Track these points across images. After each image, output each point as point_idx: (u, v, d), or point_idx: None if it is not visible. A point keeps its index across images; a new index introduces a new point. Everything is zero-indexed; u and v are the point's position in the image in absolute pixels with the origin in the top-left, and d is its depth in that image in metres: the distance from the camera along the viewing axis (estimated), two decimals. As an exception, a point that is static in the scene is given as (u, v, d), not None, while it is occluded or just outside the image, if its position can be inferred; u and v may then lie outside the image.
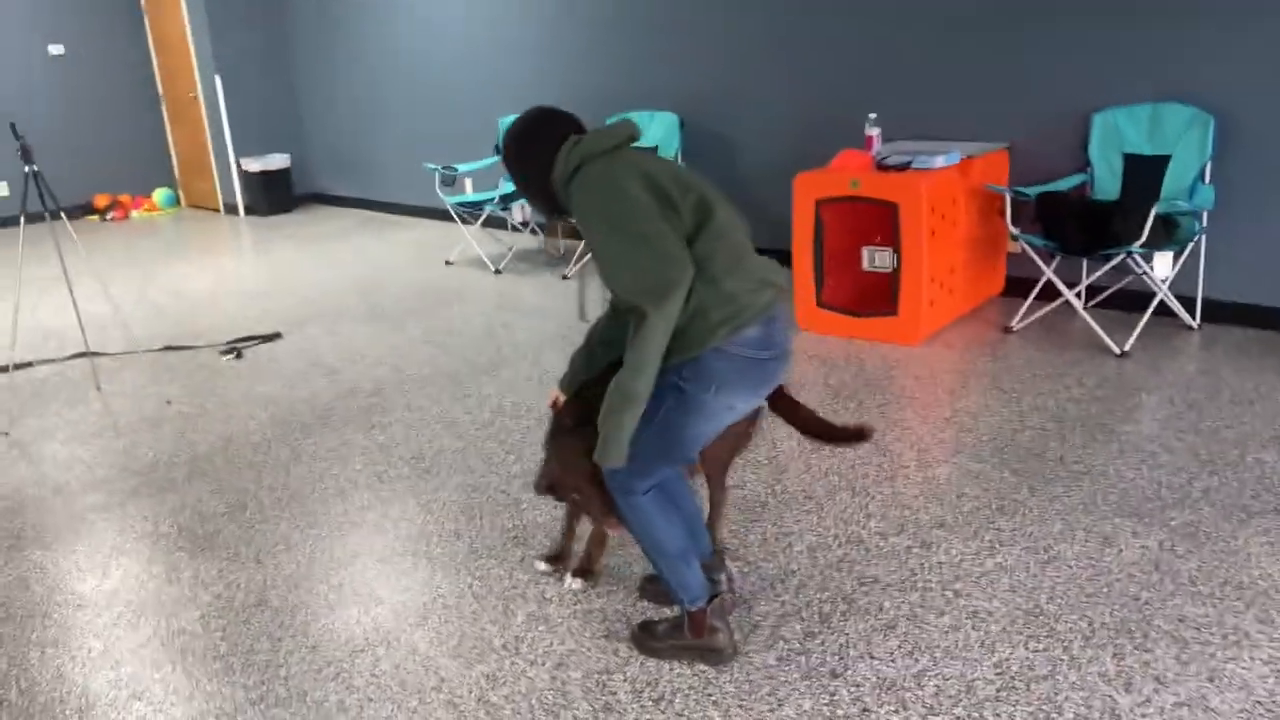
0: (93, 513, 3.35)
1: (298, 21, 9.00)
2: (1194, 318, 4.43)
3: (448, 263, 6.67)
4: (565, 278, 6.03)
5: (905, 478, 3.19)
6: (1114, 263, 4.21)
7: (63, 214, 4.35)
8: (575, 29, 6.63)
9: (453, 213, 6.71)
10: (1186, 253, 4.29)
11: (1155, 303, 4.27)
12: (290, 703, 2.30)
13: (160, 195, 9.90)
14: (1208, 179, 4.26)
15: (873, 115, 4.61)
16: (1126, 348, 4.15)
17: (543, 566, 2.76)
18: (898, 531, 2.88)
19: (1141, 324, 4.24)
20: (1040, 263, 4.44)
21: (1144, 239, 3.96)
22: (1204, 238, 4.34)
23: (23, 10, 9.29)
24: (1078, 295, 4.47)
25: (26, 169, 4.02)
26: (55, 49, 9.55)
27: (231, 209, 9.45)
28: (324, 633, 2.56)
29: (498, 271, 6.32)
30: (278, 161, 9.19)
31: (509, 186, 6.71)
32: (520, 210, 6.57)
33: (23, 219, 4.12)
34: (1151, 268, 4.12)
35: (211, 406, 4.28)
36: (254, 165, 9.09)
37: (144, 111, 10.03)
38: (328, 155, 9.29)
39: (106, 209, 9.63)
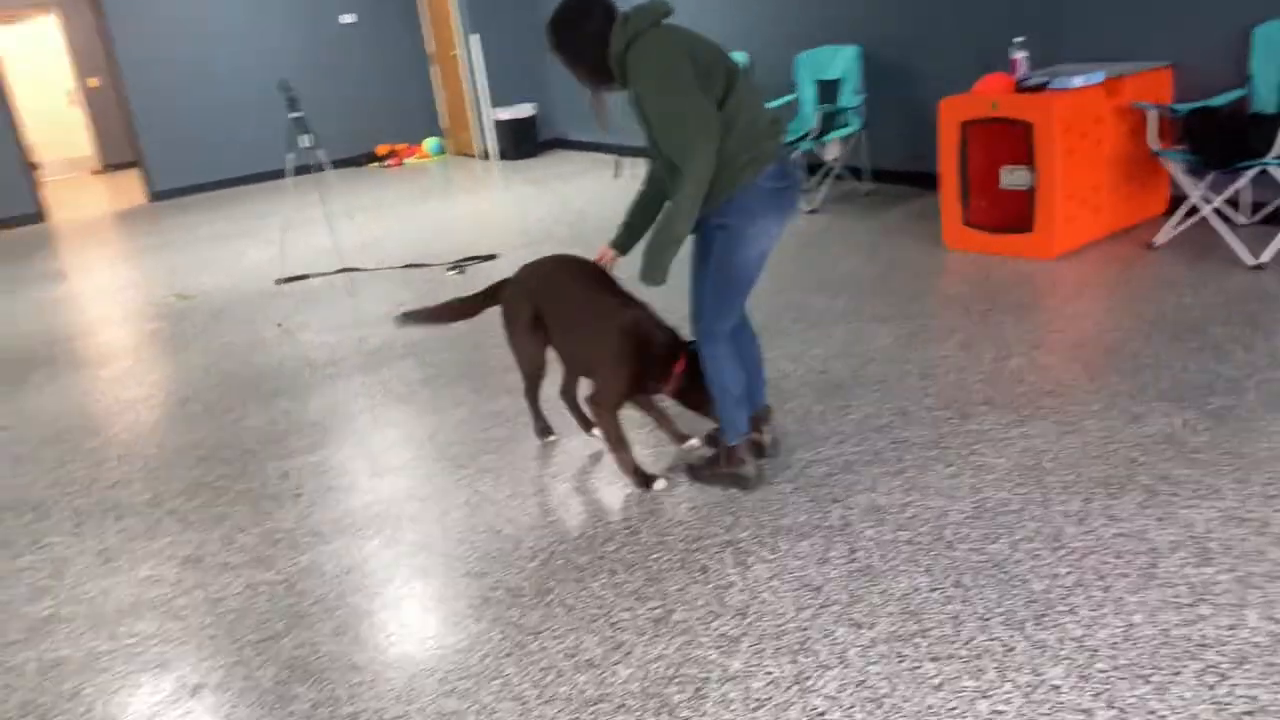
0: (329, 379, 4.36)
1: (541, -18, 9.96)
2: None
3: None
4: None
5: (977, 369, 3.54)
6: (1249, 175, 4.20)
7: (323, 154, 5.43)
8: (771, -27, 7.05)
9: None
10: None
11: (1298, 215, 4.22)
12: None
13: (429, 144, 11.30)
14: (1368, 88, 4.13)
15: (1018, 39, 4.77)
16: (1261, 260, 4.15)
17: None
18: (944, 407, 3.26)
19: (1278, 238, 4.21)
20: (1180, 178, 4.47)
21: (1277, 151, 3.95)
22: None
23: (321, -13, 10.88)
24: (1216, 210, 4.45)
25: (292, 115, 5.10)
26: (347, 18, 11.10)
27: (485, 155, 10.66)
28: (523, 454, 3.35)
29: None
30: (525, 110, 10.26)
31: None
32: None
33: (289, 158, 5.22)
34: (1291, 179, 4.08)
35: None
36: (504, 114, 10.21)
37: (416, 70, 11.46)
38: (568, 104, 10.23)
39: (385, 157, 11.15)
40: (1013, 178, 4.71)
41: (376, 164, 11.21)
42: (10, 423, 4.32)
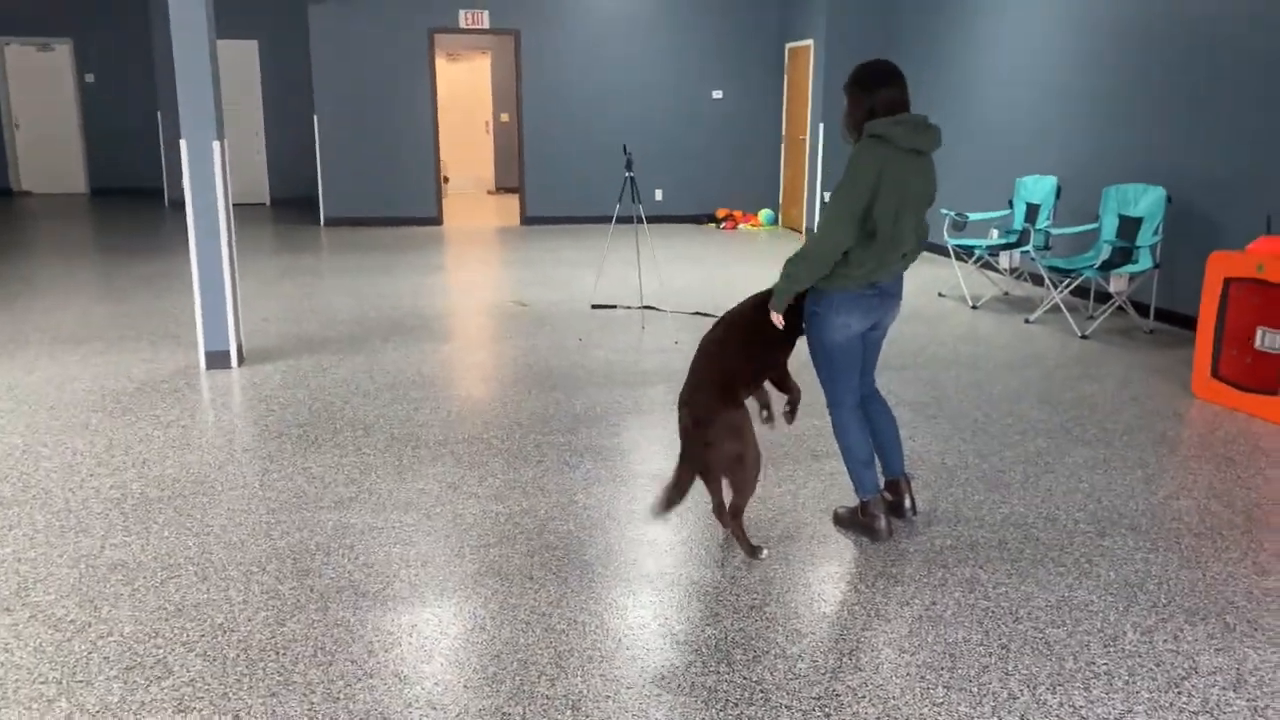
0: (598, 386, 5.32)
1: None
2: None
3: (940, 295, 7.80)
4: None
5: (1145, 499, 3.77)
6: None
7: (640, 208, 6.46)
8: (1096, 111, 7.29)
9: (951, 250, 7.82)
10: None
11: None
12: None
13: (764, 214, 12.30)
14: None
15: (1303, 207, 4.81)
16: None
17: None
18: (1091, 522, 3.57)
19: None
20: None
21: None
22: None
23: (699, 65, 12.29)
24: None
25: (627, 174, 6.17)
26: (717, 94, 12.42)
27: (811, 230, 11.46)
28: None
29: (974, 308, 7.31)
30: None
31: (1005, 239, 7.63)
32: (1008, 257, 7.44)
33: (617, 208, 6.30)
34: None
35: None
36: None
37: (768, 147, 12.55)
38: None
39: (723, 219, 12.29)
40: (1267, 340, 4.76)
41: (714, 224, 12.38)
42: (369, 368, 5.68)
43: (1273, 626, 2.85)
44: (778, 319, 3.24)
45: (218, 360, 5.62)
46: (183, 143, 5.35)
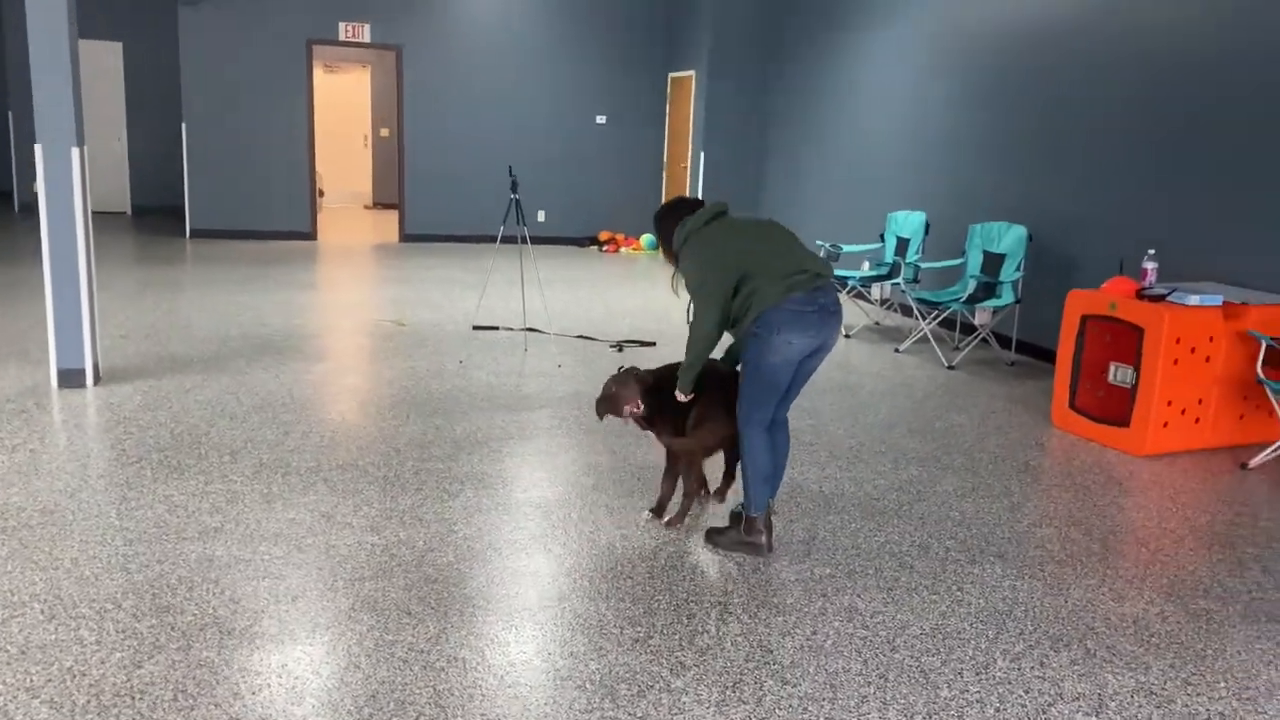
0: (479, 410, 5.22)
1: (772, 112, 10.92)
2: None
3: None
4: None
5: (1011, 527, 3.93)
6: (1338, 418, 4.36)
7: (525, 229, 6.43)
8: (963, 151, 7.63)
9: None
10: None
11: (1389, 469, 4.33)
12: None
13: (645, 239, 12.40)
14: None
15: (1151, 251, 5.13)
16: (1338, 502, 4.29)
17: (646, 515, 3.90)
18: (962, 550, 3.69)
19: (1363, 484, 4.33)
20: (1277, 405, 4.66)
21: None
22: None
23: (584, 89, 12.34)
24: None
25: (513, 196, 6.12)
26: (601, 118, 12.48)
27: (691, 258, 11.60)
28: (553, 493, 4.07)
29: (847, 336, 7.52)
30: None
31: (876, 270, 7.88)
32: (879, 289, 7.69)
33: (501, 229, 6.24)
34: (1381, 432, 4.23)
35: (582, 372, 6.06)
36: (715, 226, 11.13)
37: (651, 172, 12.67)
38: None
39: (605, 242, 12.33)
40: (1119, 374, 5.04)
41: (596, 247, 12.41)
42: (236, 389, 5.44)
43: (1129, 651, 3.00)
44: (682, 396, 3.57)
45: (71, 379, 5.29)
46: (38, 148, 5.04)
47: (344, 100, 16.39)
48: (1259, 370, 4.76)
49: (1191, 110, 5.69)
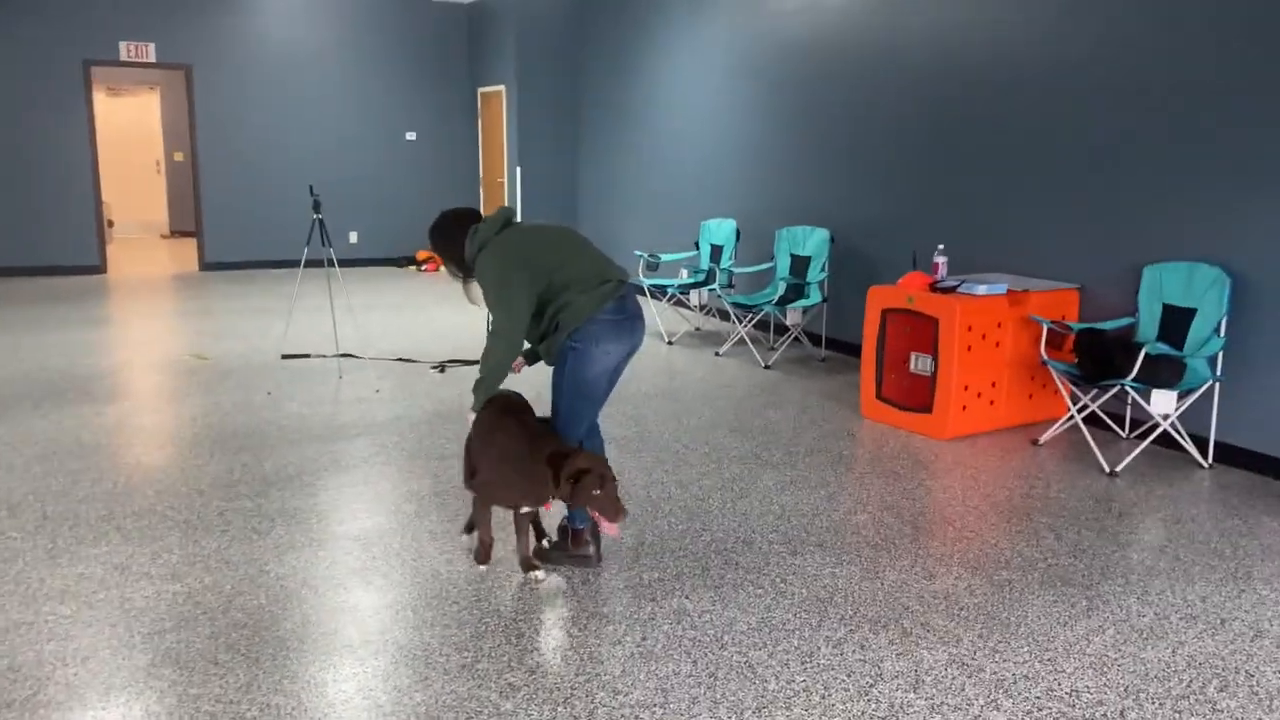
0: (290, 444, 4.97)
1: (584, 123, 10.98)
2: (1205, 457, 4.80)
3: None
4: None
5: (829, 517, 4.05)
6: (1111, 393, 4.74)
7: (331, 250, 6.20)
8: (768, 158, 7.89)
9: (646, 290, 8.12)
10: (1196, 395, 4.72)
11: (1156, 434, 4.73)
12: (329, 549, 3.65)
13: (463, 257, 12.21)
14: (1222, 332, 4.69)
15: (941, 246, 5.44)
16: (1117, 469, 4.65)
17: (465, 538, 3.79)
18: (784, 543, 3.78)
19: (1136, 452, 4.71)
20: (1061, 386, 5.02)
21: (1134, 375, 4.51)
22: (1218, 385, 4.74)
23: (389, 106, 12.06)
24: (1087, 417, 4.97)
25: (315, 216, 5.89)
26: (410, 135, 12.23)
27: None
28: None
29: (669, 343, 7.62)
30: (552, 240, 11.14)
31: (694, 278, 8.03)
32: (698, 295, 7.84)
33: (305, 251, 5.99)
34: (1148, 402, 4.62)
35: (402, 396, 5.88)
36: (533, 241, 11.09)
37: (467, 189, 12.51)
38: (591, 229, 11.11)
39: (423, 262, 12.07)
40: (919, 364, 5.30)
41: (415, 267, 12.13)
42: (13, 439, 4.98)
43: (942, 626, 3.13)
44: (470, 415, 3.46)
45: None
46: None
47: (132, 124, 15.42)
48: (1043, 351, 5.11)
49: (972, 114, 6.08)
